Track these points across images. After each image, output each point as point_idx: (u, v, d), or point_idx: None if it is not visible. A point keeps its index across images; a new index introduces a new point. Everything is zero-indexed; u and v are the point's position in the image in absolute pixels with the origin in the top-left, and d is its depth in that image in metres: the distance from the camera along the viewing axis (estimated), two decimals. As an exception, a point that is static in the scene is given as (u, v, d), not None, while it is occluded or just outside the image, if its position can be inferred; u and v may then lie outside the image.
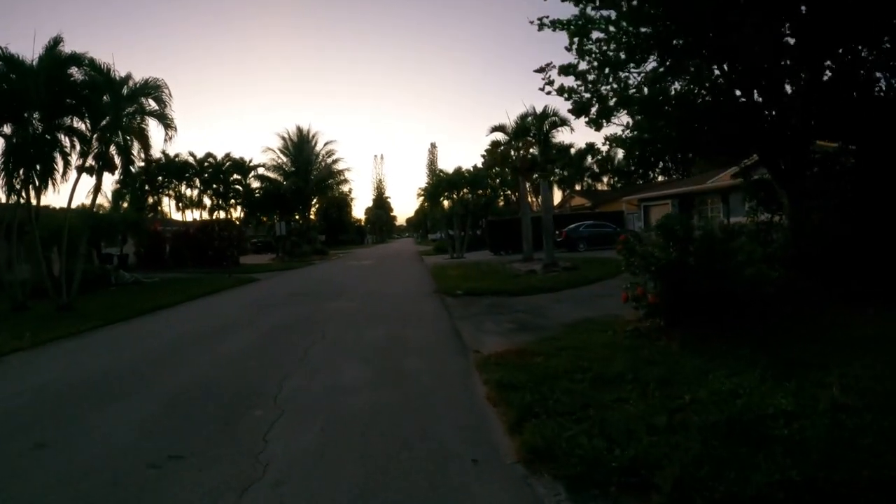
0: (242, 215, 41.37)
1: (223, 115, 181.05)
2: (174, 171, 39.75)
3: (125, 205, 42.29)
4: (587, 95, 9.29)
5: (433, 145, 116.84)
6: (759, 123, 10.07)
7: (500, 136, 23.40)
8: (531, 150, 20.50)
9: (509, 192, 62.11)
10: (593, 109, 9.39)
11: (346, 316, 11.83)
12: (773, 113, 10.05)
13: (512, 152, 22.68)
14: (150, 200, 42.40)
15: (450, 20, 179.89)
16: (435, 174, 35.82)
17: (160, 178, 41.13)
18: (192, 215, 42.38)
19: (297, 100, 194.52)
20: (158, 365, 8.07)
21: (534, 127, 19.59)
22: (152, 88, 18.25)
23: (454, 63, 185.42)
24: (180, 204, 40.62)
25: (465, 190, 34.35)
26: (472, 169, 36.58)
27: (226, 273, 28.85)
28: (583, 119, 9.31)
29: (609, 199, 47.36)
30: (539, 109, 22.42)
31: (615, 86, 9.28)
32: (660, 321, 7.95)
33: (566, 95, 9.36)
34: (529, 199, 62.81)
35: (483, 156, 64.26)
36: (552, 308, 11.67)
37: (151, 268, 34.18)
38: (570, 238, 31.69)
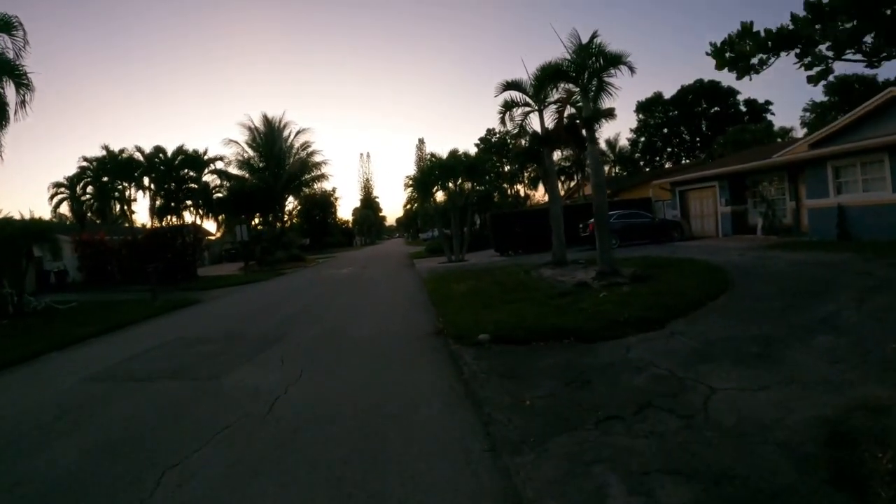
0: (198, 219, 34.72)
1: (191, 116, 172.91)
2: (117, 169, 33.18)
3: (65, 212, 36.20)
4: None
5: (421, 141, 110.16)
6: None
7: (514, 95, 17.04)
8: (569, 107, 14.05)
9: (506, 185, 55.87)
10: None
11: (235, 434, 5.25)
12: None
13: (537, 114, 16.33)
14: (95, 206, 35.94)
15: (438, 13, 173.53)
16: (426, 160, 29.31)
17: (104, 178, 34.59)
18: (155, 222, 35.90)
19: (274, 97, 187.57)
20: None
21: (574, 68, 13.16)
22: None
23: (443, 59, 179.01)
24: (125, 208, 34.05)
25: (461, 178, 27.89)
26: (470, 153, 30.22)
27: (176, 289, 23.28)
28: None
29: (631, 185, 41.05)
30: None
31: None
32: None
33: None
34: (528, 191, 57.04)
35: (478, 145, 58.01)
36: (714, 385, 5.34)
37: (97, 285, 28.32)
38: (598, 232, 25.47)
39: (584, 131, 14.48)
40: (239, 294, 20.28)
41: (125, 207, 34.47)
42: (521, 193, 55.48)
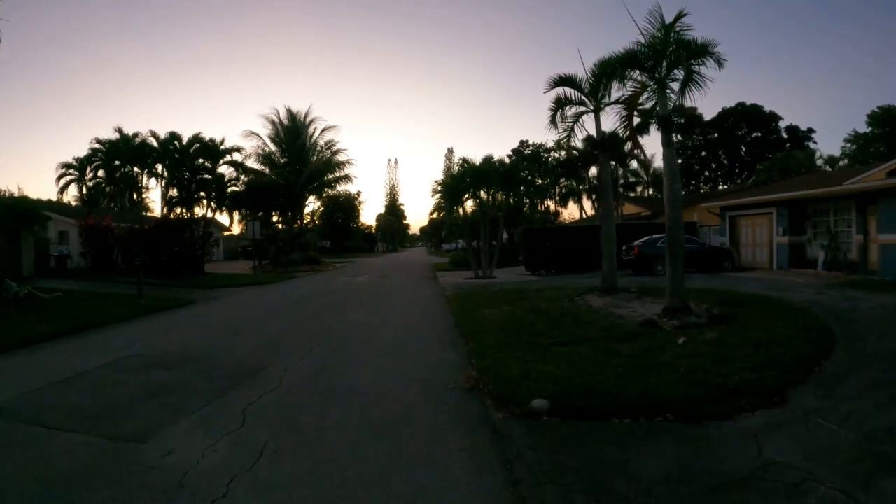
0: (210, 212, 32.71)
1: (212, 110, 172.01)
2: (129, 153, 31.35)
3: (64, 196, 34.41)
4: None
5: (450, 150, 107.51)
6: None
7: (566, 92, 14.62)
8: (641, 102, 11.50)
9: (536, 200, 53.21)
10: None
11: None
12: None
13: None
14: (108, 190, 34.21)
15: (469, 24, 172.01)
16: (458, 164, 26.78)
17: (116, 162, 32.82)
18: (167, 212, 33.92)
19: (299, 98, 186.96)
20: None
21: (650, 55, 10.71)
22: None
23: (474, 69, 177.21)
24: (135, 195, 32.22)
25: (495, 188, 25.33)
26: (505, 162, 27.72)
27: (177, 285, 21.49)
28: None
29: (672, 207, 38.37)
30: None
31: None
32: None
33: None
34: (557, 208, 54.07)
35: (510, 156, 55.33)
36: None
37: (100, 273, 26.46)
38: (644, 256, 22.88)
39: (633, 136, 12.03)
40: (239, 297, 18.09)
41: (135, 194, 32.57)
42: (552, 209, 52.91)
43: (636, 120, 12.80)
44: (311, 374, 7.14)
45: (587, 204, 49.77)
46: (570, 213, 54.17)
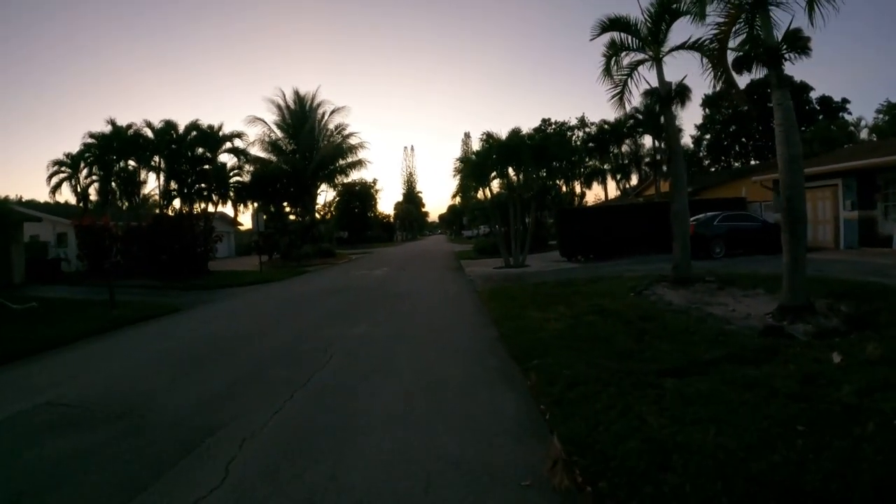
0: (211, 206, 30.24)
1: (216, 100, 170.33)
2: (123, 146, 28.93)
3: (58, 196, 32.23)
4: None
5: (467, 135, 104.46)
6: None
7: (621, 37, 11.80)
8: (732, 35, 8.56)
9: (559, 181, 50.05)
10: None
11: None
12: None
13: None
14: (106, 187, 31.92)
15: (484, 13, 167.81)
16: (482, 140, 23.77)
17: (113, 156, 30.50)
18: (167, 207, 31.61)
19: (308, 85, 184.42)
20: None
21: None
22: None
23: (490, 51, 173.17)
24: (129, 190, 29.83)
25: (526, 164, 22.39)
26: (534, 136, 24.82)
27: (174, 287, 19.36)
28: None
29: (714, 182, 35.22)
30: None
31: None
32: None
33: None
34: (583, 189, 51.06)
35: (533, 134, 52.22)
36: None
37: (98, 276, 24.26)
38: (700, 237, 19.93)
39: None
40: (235, 300, 15.57)
41: (130, 189, 30.19)
42: (577, 190, 49.91)
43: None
44: (281, 452, 4.38)
45: (612, 185, 46.90)
46: (596, 194, 51.21)
